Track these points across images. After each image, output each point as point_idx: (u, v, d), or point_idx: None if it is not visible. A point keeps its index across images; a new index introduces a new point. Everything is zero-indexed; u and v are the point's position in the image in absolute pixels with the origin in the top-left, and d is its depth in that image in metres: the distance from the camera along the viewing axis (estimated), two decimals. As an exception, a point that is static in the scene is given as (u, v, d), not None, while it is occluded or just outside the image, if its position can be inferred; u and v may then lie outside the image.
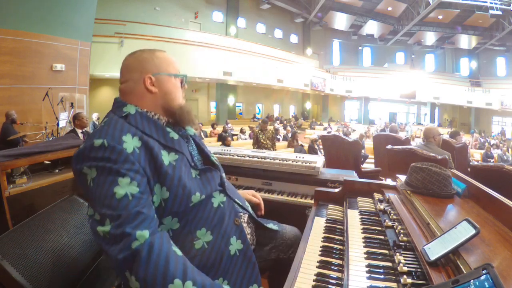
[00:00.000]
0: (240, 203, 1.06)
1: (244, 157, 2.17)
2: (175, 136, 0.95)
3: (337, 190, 1.46)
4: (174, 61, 1.02)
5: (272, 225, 1.16)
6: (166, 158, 0.87)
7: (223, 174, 1.06)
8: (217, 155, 2.11)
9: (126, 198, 0.74)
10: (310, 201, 1.93)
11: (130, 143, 0.82)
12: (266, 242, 1.12)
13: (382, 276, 0.78)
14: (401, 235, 0.93)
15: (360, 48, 22.32)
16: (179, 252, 0.76)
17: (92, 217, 0.77)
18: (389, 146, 3.34)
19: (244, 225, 1.02)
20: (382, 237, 0.99)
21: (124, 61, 0.99)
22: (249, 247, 0.94)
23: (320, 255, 0.95)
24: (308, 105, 21.72)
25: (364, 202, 1.29)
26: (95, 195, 0.76)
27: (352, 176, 2.02)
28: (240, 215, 1.02)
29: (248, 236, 1.01)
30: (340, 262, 0.92)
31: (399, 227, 0.98)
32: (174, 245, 0.77)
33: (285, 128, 12.10)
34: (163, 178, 0.84)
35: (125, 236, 0.70)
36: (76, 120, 4.07)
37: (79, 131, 4.03)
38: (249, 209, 1.11)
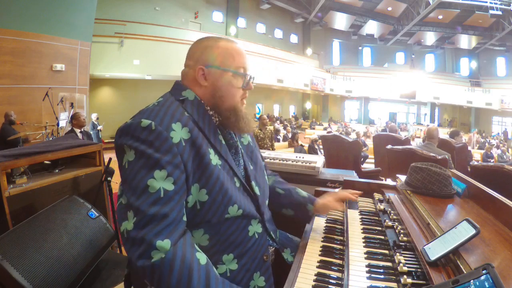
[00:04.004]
0: (273, 236, 0.98)
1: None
2: (222, 140, 0.87)
3: (337, 190, 1.46)
4: (239, 54, 0.89)
5: (289, 254, 1.04)
6: (213, 158, 0.81)
7: (264, 203, 0.96)
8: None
9: (158, 194, 0.69)
10: (310, 201, 1.93)
11: (178, 132, 0.75)
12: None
13: (382, 276, 0.78)
14: (401, 235, 0.93)
15: (360, 48, 22.30)
16: (202, 261, 0.71)
17: (120, 198, 0.73)
18: (389, 146, 3.35)
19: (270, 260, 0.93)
20: (382, 237, 0.99)
21: (191, 45, 0.92)
22: (271, 287, 0.88)
23: (320, 255, 0.95)
24: (308, 105, 21.71)
25: (364, 202, 1.29)
26: (127, 179, 0.72)
27: (352, 176, 2.02)
28: (269, 249, 0.94)
29: None
30: (340, 262, 0.91)
31: (399, 227, 0.98)
32: (198, 250, 0.73)
33: (285, 128, 12.10)
34: (206, 179, 0.77)
35: (145, 242, 0.66)
36: (74, 120, 4.09)
37: (77, 130, 4.04)
38: (278, 240, 1.03)
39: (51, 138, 5.03)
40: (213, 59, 0.87)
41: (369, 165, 6.30)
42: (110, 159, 2.01)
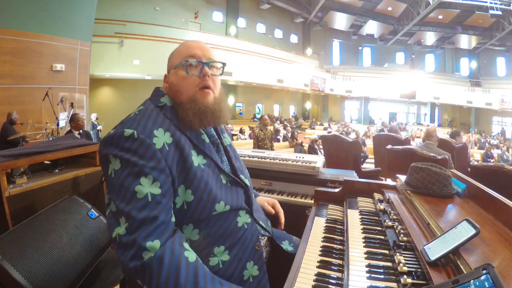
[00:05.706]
0: (264, 226, 1.00)
1: (244, 157, 2.17)
2: (206, 139, 0.90)
3: (337, 190, 1.46)
4: (187, 47, 0.93)
5: (288, 245, 1.07)
6: (196, 159, 0.83)
7: (252, 194, 0.99)
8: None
9: (146, 199, 0.72)
10: (310, 201, 1.94)
11: (161, 138, 0.79)
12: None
13: (382, 276, 0.78)
14: (401, 235, 0.93)
15: (360, 48, 22.30)
16: (191, 258, 0.74)
17: (108, 206, 0.76)
18: (389, 146, 3.35)
19: (263, 249, 0.95)
20: (382, 237, 0.99)
21: None
22: (264, 276, 0.90)
23: (320, 255, 0.95)
24: (308, 105, 21.71)
25: (364, 202, 1.29)
26: (115, 187, 0.74)
27: (352, 176, 2.02)
28: (261, 238, 0.96)
29: None
30: (340, 262, 0.92)
31: (399, 227, 0.98)
32: (187, 249, 0.75)
33: (285, 128, 12.10)
34: (190, 180, 0.80)
35: (136, 244, 0.69)
36: (72, 122, 4.05)
37: (75, 132, 4.01)
38: (270, 229, 1.05)
39: (51, 138, 5.03)
40: (169, 63, 0.95)
41: (369, 165, 6.30)
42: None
